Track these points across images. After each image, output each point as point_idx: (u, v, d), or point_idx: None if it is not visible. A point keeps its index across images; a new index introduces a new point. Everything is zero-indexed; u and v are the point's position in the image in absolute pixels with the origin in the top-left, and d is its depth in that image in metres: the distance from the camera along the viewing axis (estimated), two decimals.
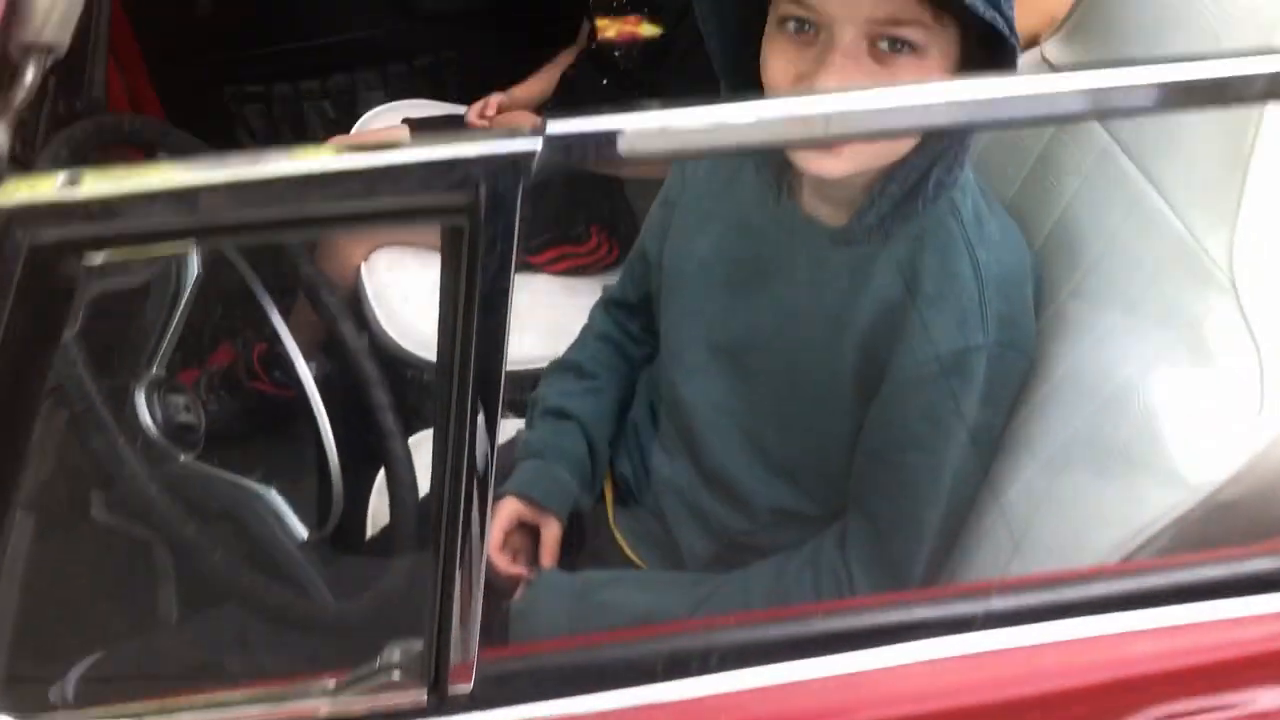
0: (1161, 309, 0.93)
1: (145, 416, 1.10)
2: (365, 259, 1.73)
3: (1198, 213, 0.94)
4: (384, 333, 1.67)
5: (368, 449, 1.12)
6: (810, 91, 0.87)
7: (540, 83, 1.92)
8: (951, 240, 0.97)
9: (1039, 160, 1.10)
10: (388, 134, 1.87)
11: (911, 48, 0.88)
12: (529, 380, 1.32)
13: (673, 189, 1.19)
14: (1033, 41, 1.17)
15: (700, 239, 1.13)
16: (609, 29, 1.78)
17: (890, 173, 0.94)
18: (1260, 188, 0.89)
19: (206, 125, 2.05)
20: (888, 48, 0.88)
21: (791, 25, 0.90)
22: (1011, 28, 0.86)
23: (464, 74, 2.16)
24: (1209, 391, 0.87)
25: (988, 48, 0.89)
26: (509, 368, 0.58)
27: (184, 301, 1.17)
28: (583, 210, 1.80)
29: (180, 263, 1.17)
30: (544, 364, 1.31)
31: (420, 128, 1.88)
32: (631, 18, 1.76)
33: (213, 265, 1.19)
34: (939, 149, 0.93)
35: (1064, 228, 1.07)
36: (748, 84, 0.96)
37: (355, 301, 1.71)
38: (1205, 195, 0.93)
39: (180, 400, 1.13)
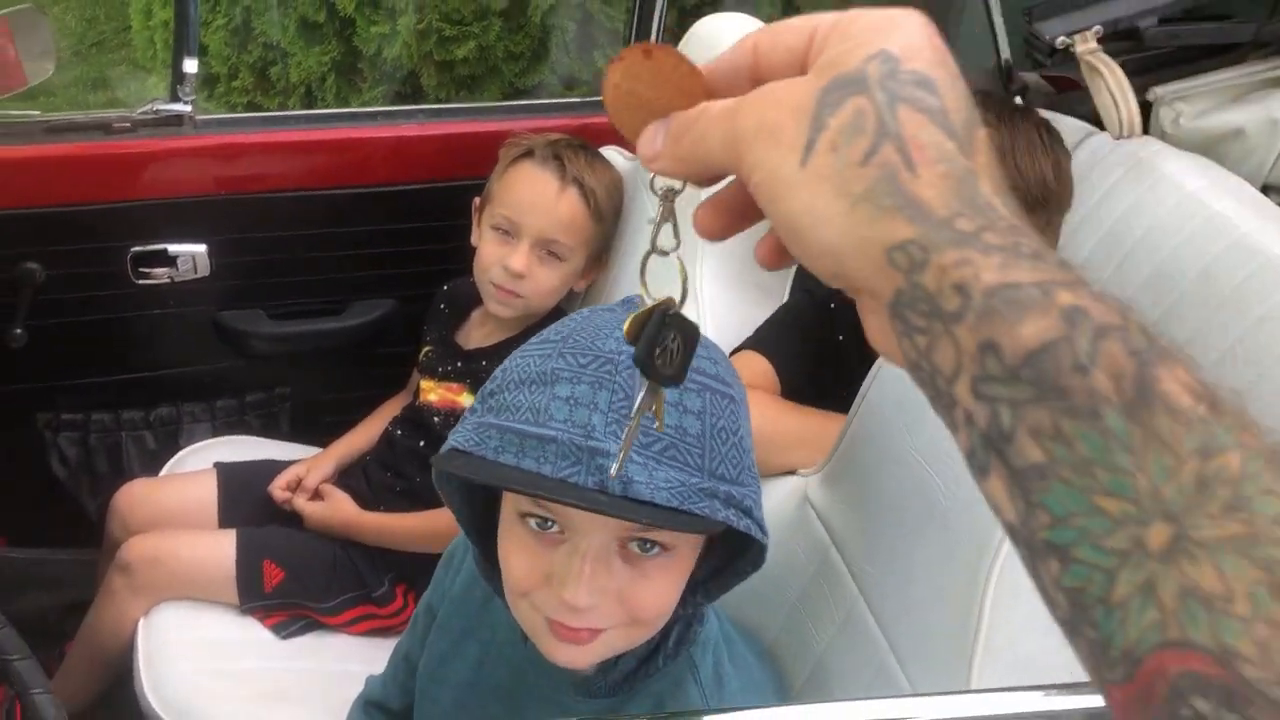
0: None
1: None
2: (145, 613, 1.64)
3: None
4: (147, 702, 1.53)
5: None
6: None
7: (362, 435, 1.89)
8: (689, 702, 0.94)
9: (793, 608, 1.09)
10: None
11: (663, 547, 0.85)
12: None
13: (435, 592, 1.14)
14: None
15: (457, 663, 1.08)
16: (431, 392, 1.79)
17: None
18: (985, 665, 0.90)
19: (16, 450, 1.98)
20: (639, 549, 0.85)
21: (533, 522, 0.85)
22: (764, 529, 0.86)
23: (295, 410, 2.14)
24: None
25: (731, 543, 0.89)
26: None
27: None
28: (388, 569, 1.74)
29: None
30: None
31: (230, 474, 1.83)
32: (455, 385, 1.76)
33: None
34: (678, 613, 0.92)
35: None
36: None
37: (125, 667, 1.59)
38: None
39: None
